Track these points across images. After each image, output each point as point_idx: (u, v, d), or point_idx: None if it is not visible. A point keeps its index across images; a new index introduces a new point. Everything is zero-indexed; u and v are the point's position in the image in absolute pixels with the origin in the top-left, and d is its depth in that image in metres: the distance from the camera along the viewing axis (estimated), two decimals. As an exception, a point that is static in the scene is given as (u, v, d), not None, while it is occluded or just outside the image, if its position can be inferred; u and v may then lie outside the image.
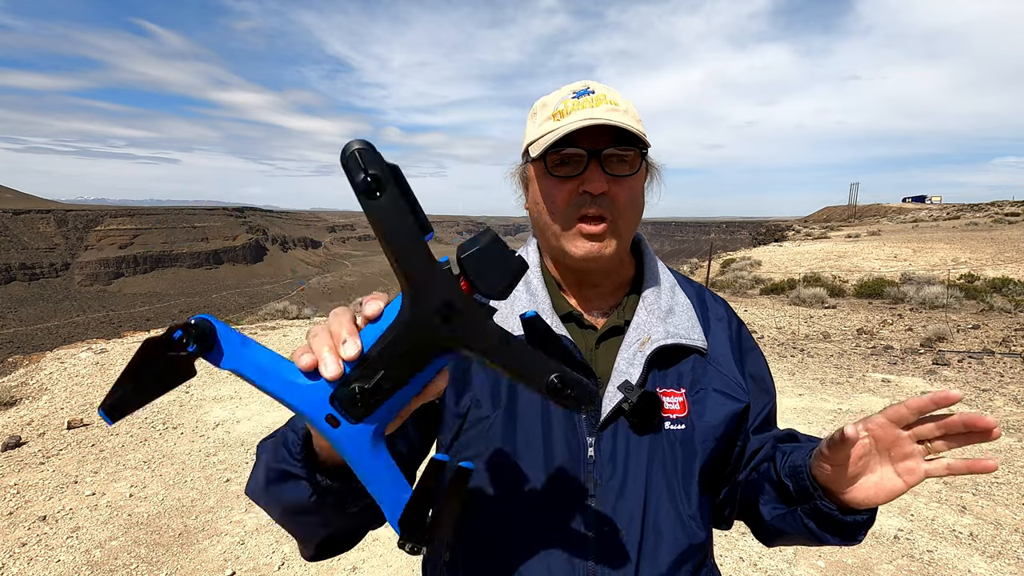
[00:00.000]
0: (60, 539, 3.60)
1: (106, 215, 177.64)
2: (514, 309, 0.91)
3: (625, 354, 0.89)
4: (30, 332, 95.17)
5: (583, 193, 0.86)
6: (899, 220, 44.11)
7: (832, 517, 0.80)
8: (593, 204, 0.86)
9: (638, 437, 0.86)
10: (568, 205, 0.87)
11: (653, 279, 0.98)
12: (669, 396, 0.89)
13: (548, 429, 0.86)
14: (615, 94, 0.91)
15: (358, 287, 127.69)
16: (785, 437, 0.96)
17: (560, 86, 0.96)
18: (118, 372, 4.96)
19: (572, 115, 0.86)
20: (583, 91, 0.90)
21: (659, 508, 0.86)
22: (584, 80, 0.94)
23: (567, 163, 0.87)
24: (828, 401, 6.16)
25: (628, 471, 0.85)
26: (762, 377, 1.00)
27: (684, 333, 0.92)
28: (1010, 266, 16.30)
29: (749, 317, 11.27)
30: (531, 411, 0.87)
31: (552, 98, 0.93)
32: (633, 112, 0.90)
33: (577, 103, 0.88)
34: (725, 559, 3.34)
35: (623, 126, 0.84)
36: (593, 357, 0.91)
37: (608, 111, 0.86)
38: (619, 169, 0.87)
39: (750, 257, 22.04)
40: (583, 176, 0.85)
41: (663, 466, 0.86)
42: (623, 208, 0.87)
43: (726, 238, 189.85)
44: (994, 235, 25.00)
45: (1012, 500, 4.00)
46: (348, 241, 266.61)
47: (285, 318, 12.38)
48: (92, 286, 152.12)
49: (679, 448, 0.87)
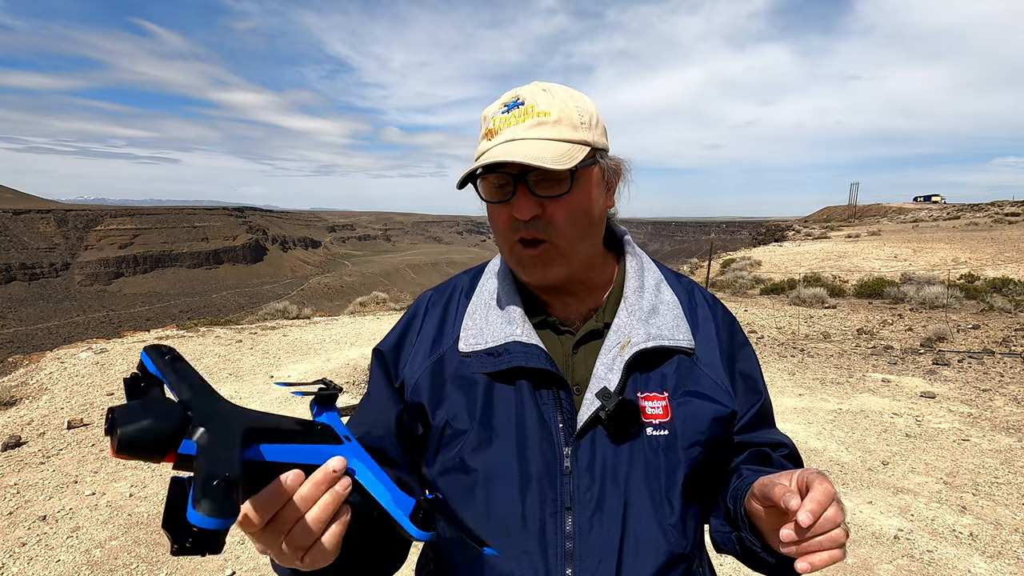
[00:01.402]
0: (60, 539, 3.60)
1: (106, 215, 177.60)
2: (488, 321, 0.90)
3: (604, 359, 0.86)
4: (30, 332, 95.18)
5: (516, 218, 0.82)
6: (899, 220, 44.11)
7: (755, 553, 0.80)
8: (526, 228, 0.82)
9: (617, 445, 0.83)
10: (507, 228, 0.84)
11: (635, 278, 0.94)
12: (651, 401, 0.85)
13: (523, 441, 0.83)
14: (551, 100, 0.84)
15: (358, 287, 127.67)
16: (761, 456, 0.92)
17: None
18: (118, 372, 4.96)
19: (498, 135, 0.83)
20: (512, 103, 0.85)
21: (640, 517, 0.83)
22: (516, 89, 0.87)
23: (501, 186, 0.83)
24: (828, 401, 6.16)
25: (607, 481, 0.82)
26: (751, 376, 0.96)
27: (668, 334, 0.88)
28: (1010, 266, 16.30)
29: (749, 317, 11.27)
30: (506, 423, 0.84)
31: (490, 110, 0.88)
32: (570, 117, 0.83)
33: (504, 120, 0.84)
34: (725, 558, 3.34)
35: (529, 163, 0.76)
36: (570, 363, 0.88)
37: (533, 126, 0.82)
38: (550, 189, 0.81)
39: (750, 257, 22.03)
40: (512, 201, 0.82)
41: (644, 474, 0.83)
42: (561, 228, 0.83)
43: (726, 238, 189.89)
44: (994, 235, 25.00)
45: (1012, 500, 4.00)
46: (348, 241, 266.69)
47: (285, 318, 12.37)
48: (92, 286, 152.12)
49: (662, 455, 0.84)
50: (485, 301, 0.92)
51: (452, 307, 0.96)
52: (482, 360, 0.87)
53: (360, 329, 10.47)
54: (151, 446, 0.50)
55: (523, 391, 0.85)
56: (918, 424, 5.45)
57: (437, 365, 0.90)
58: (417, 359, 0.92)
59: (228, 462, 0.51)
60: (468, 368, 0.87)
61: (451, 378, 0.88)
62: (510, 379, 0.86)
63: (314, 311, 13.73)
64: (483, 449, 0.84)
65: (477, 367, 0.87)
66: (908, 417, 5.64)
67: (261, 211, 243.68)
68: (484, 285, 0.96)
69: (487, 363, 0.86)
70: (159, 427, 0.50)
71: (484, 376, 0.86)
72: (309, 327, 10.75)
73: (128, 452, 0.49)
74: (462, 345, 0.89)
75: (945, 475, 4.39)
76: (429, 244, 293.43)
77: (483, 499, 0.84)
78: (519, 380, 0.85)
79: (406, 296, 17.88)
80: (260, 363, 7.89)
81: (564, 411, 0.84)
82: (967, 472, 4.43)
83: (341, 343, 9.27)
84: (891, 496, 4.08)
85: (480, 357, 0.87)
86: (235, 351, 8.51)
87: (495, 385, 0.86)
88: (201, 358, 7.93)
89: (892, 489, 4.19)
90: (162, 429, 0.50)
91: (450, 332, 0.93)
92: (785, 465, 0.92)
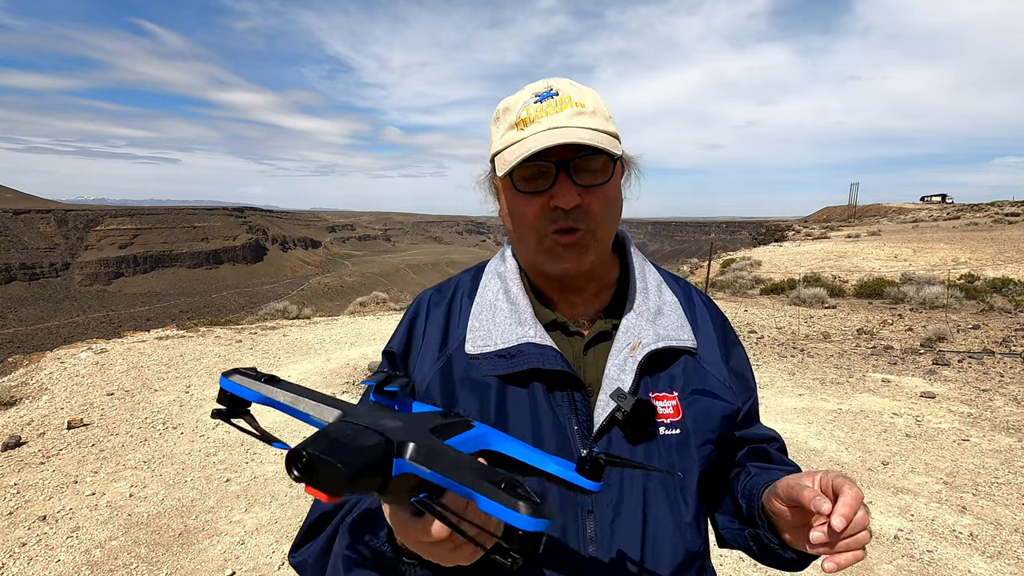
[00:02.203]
0: (60, 539, 3.60)
1: (106, 215, 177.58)
2: (496, 322, 0.88)
3: (615, 360, 0.85)
4: (30, 332, 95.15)
5: (554, 208, 0.81)
6: (899, 220, 44.10)
7: (772, 549, 0.81)
8: (566, 218, 0.82)
9: (634, 446, 0.83)
10: (540, 220, 0.83)
11: (640, 278, 0.94)
12: (662, 401, 0.86)
13: (539, 443, 0.82)
14: (582, 92, 0.85)
15: (358, 287, 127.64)
16: (760, 453, 0.94)
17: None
18: (118, 372, 4.97)
19: (535, 124, 0.81)
20: (545, 93, 0.84)
21: (658, 518, 0.83)
22: (546, 80, 0.87)
23: (535, 177, 0.82)
24: (828, 401, 6.16)
25: (624, 483, 0.83)
26: (743, 373, 0.97)
27: (674, 334, 0.89)
28: (1010, 266, 16.29)
29: (749, 317, 11.27)
30: (521, 426, 0.83)
31: (515, 101, 0.86)
32: (602, 110, 0.85)
33: (540, 108, 0.82)
34: (725, 559, 3.34)
35: (589, 143, 0.78)
36: (582, 365, 0.88)
37: (573, 115, 0.81)
38: (591, 179, 0.82)
39: (750, 257, 22.03)
40: (552, 190, 0.81)
41: (660, 474, 0.84)
42: (599, 218, 0.83)
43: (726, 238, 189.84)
44: (994, 235, 24.99)
45: (1012, 500, 4.00)
46: (348, 241, 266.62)
47: (285, 318, 12.37)
48: (92, 286, 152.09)
49: (675, 454, 0.85)
50: (490, 302, 0.91)
51: (456, 308, 0.95)
52: (492, 362, 0.85)
53: (360, 329, 10.48)
54: (374, 467, 0.45)
55: (537, 393, 0.84)
56: (918, 424, 5.45)
57: (446, 368, 0.88)
58: (426, 363, 0.90)
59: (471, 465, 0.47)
60: (478, 371, 0.86)
61: (460, 381, 0.87)
62: (523, 381, 0.85)
63: (314, 311, 13.73)
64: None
65: (488, 369, 0.85)
66: (908, 417, 5.64)
67: (261, 211, 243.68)
68: (487, 285, 0.94)
69: (499, 365, 0.85)
70: (367, 446, 0.46)
71: (495, 379, 0.85)
72: (309, 327, 10.75)
73: (352, 482, 0.44)
74: (469, 347, 0.87)
75: (945, 475, 4.39)
76: (429, 244, 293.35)
77: None
78: (532, 382, 0.84)
79: (406, 296, 17.89)
80: (260, 363, 7.89)
81: (579, 413, 0.83)
82: (967, 472, 4.43)
83: (341, 343, 9.27)
84: (891, 496, 4.08)
85: (490, 359, 0.85)
86: (235, 351, 8.51)
87: (508, 388, 0.85)
88: (201, 358, 7.92)
89: (892, 489, 4.19)
90: (369, 449, 0.46)
91: (455, 334, 0.91)
92: (784, 460, 0.94)
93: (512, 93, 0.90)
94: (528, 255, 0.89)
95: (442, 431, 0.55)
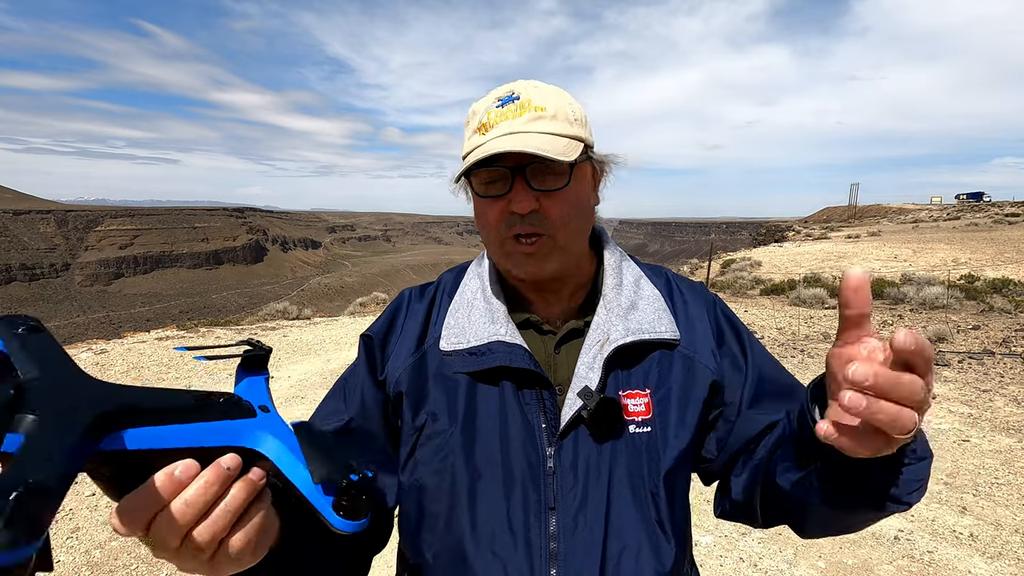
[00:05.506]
0: (60, 539, 3.60)
1: (106, 215, 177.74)
2: (470, 320, 0.88)
3: (585, 358, 0.85)
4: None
5: (512, 213, 0.81)
6: (899, 221, 44.12)
7: (843, 474, 0.64)
8: (523, 223, 0.81)
9: (599, 444, 0.82)
10: (500, 224, 0.83)
11: (614, 275, 0.93)
12: (633, 398, 0.84)
13: (506, 441, 0.82)
14: (545, 94, 0.85)
15: (358, 288, 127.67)
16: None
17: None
18: (118, 373, 4.97)
19: (494, 128, 0.82)
20: (507, 98, 0.84)
21: (623, 516, 0.82)
22: (511, 83, 0.87)
23: (494, 181, 0.83)
24: (828, 402, 6.16)
25: (590, 480, 0.81)
26: (734, 353, 0.91)
27: (648, 328, 0.87)
28: (1010, 266, 16.30)
29: (749, 317, 11.27)
30: (490, 424, 0.83)
31: (481, 105, 0.87)
32: (564, 113, 0.84)
33: (500, 113, 0.83)
34: (725, 559, 3.34)
35: (534, 151, 0.76)
36: (553, 364, 0.88)
37: (532, 120, 0.81)
38: (549, 183, 0.81)
39: (750, 258, 22.05)
40: (510, 195, 0.81)
41: (627, 472, 0.82)
42: (558, 222, 0.82)
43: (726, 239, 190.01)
44: (994, 235, 25.01)
45: (1012, 501, 4.00)
46: (348, 241, 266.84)
47: (285, 318, 12.38)
48: (92, 286, 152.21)
49: (644, 453, 0.83)
50: (467, 300, 0.92)
51: (436, 305, 0.96)
52: (464, 359, 0.86)
53: (360, 330, 10.46)
54: None
55: (506, 391, 0.84)
56: (918, 425, 5.45)
57: (419, 363, 0.89)
58: (401, 355, 0.91)
59: (45, 462, 0.36)
60: (450, 367, 0.87)
61: (432, 377, 0.87)
62: (493, 379, 0.85)
63: (314, 311, 13.74)
64: (466, 450, 0.83)
65: (459, 366, 0.86)
66: (908, 418, 5.63)
67: (261, 211, 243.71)
68: (467, 284, 0.95)
69: (469, 362, 0.85)
70: None
71: (466, 376, 0.85)
72: (309, 327, 10.76)
73: None
74: (443, 344, 0.88)
75: (945, 475, 4.39)
76: (429, 245, 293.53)
77: (467, 501, 0.82)
78: (502, 380, 0.85)
79: (406, 296, 17.86)
80: (260, 363, 7.88)
81: (547, 411, 0.83)
82: (967, 473, 4.43)
83: (341, 343, 9.27)
84: (891, 497, 4.08)
85: (462, 356, 0.86)
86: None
87: (478, 386, 0.85)
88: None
89: (892, 490, 4.19)
90: None
91: (433, 331, 0.92)
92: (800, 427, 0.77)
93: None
94: (495, 257, 0.90)
95: (136, 417, 0.45)
